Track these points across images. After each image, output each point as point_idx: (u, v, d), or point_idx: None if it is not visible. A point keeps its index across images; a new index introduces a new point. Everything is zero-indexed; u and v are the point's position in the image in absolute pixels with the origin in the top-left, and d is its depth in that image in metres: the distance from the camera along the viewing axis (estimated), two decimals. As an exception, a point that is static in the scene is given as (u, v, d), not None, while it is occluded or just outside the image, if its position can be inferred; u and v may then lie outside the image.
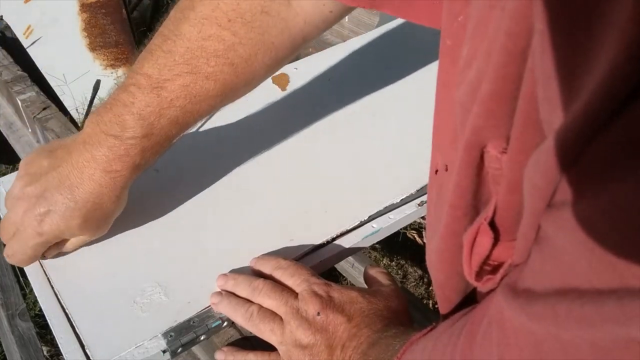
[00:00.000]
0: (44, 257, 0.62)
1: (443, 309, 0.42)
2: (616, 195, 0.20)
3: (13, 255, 0.60)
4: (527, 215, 0.28)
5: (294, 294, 0.55)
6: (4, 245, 0.61)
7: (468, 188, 0.33)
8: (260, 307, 0.55)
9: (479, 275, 0.34)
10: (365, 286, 0.60)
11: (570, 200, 0.23)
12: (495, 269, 0.34)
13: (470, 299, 0.40)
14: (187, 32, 0.56)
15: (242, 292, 0.56)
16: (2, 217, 0.71)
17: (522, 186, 0.28)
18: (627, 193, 0.20)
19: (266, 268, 0.58)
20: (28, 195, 0.57)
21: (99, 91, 2.86)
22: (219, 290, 0.58)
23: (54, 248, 0.61)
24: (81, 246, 0.63)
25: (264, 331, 0.54)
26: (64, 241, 0.61)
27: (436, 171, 0.39)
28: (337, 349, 0.50)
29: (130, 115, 0.56)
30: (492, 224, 0.33)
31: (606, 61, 0.20)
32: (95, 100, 2.86)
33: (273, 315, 0.54)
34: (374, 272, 0.59)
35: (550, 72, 0.23)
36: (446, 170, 0.36)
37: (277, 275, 0.57)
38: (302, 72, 0.93)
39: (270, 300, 0.54)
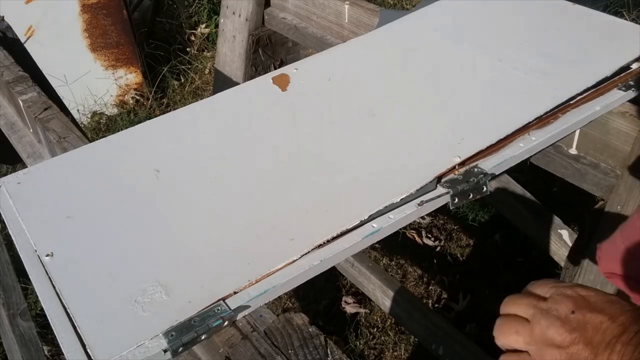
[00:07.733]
0: None
1: None
2: None
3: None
4: None
5: (543, 298, 0.54)
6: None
7: None
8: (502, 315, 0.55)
9: None
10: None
11: None
12: None
13: None
14: None
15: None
16: (3, 215, 0.71)
17: None
18: None
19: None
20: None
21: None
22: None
23: None
24: None
25: (508, 333, 0.53)
26: None
27: None
28: (601, 346, 0.48)
29: None
30: None
31: None
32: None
33: (516, 317, 0.54)
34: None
35: None
36: None
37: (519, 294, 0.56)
38: (302, 72, 0.94)
39: (515, 305, 0.54)
